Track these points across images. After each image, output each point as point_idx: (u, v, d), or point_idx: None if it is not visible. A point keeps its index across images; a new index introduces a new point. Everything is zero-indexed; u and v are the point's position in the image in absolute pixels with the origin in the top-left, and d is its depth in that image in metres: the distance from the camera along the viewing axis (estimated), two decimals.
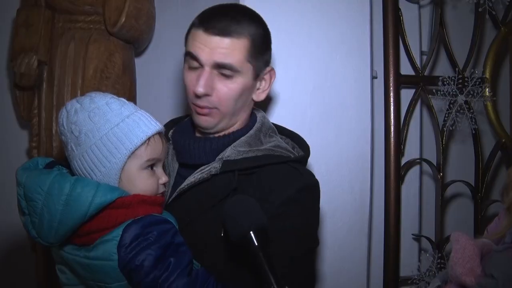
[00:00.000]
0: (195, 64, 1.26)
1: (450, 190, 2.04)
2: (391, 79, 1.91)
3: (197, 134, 1.35)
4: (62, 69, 1.81)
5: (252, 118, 1.36)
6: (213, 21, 1.25)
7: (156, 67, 2.08)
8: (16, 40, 1.82)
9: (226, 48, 1.23)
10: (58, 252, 1.15)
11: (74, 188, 1.07)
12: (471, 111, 1.94)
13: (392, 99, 1.92)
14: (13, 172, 1.99)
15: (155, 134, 1.15)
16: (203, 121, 1.29)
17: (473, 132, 1.96)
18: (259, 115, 1.37)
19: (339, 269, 1.78)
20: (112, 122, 1.12)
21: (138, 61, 2.06)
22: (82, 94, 1.80)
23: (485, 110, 2.00)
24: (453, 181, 1.98)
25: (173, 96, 2.03)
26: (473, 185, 2.00)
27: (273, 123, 1.40)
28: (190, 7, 2.06)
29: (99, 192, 1.07)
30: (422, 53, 2.06)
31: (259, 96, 1.34)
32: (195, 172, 1.26)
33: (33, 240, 1.84)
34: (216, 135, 1.30)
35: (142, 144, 1.12)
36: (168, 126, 1.39)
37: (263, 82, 1.34)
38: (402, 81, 1.94)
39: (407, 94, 2.00)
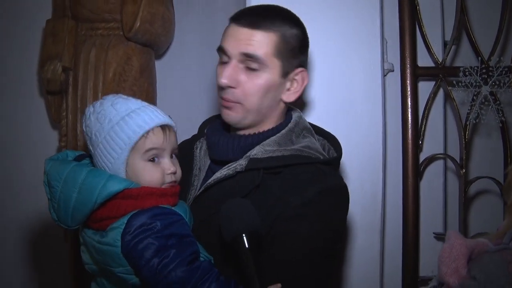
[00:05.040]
0: (225, 58, 1.29)
1: (477, 187, 1.93)
2: (408, 71, 1.84)
3: (230, 132, 1.36)
4: (85, 74, 1.94)
5: (286, 118, 1.35)
6: (245, 14, 1.31)
7: (178, 68, 2.16)
8: (44, 48, 1.99)
9: (253, 39, 1.26)
10: (81, 234, 1.26)
11: (86, 177, 1.17)
12: (497, 102, 1.81)
13: (409, 92, 1.85)
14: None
15: (155, 127, 1.19)
16: (226, 114, 1.30)
17: (500, 124, 1.84)
18: (295, 115, 1.36)
19: (350, 268, 1.75)
20: (113, 121, 1.19)
21: (160, 64, 2.15)
22: (103, 97, 1.94)
23: None
24: (478, 178, 1.87)
25: (196, 96, 2.10)
26: (502, 182, 1.87)
27: (310, 123, 1.39)
28: (210, 8, 2.13)
29: (108, 183, 1.16)
30: (445, 43, 1.95)
31: (289, 97, 1.33)
32: (222, 168, 1.29)
33: (64, 230, 2.03)
34: (246, 133, 1.31)
35: (141, 138, 1.18)
36: (207, 122, 1.45)
37: (294, 83, 1.32)
38: (419, 73, 1.86)
39: (428, 87, 1.91)
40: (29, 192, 2.19)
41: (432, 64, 1.89)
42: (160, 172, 1.21)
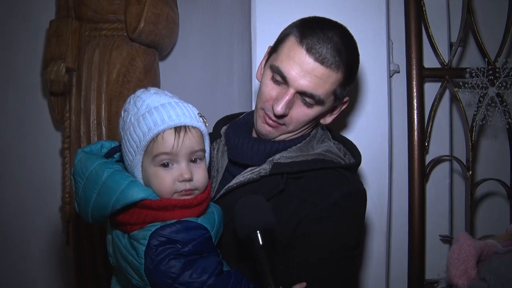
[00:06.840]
0: (280, 79, 1.24)
1: (483, 189, 1.91)
2: (414, 72, 1.83)
3: (253, 135, 1.35)
4: (89, 74, 1.93)
5: None
6: (318, 45, 1.21)
7: (182, 69, 2.15)
8: (47, 49, 1.98)
9: (320, 78, 1.21)
10: (110, 228, 1.20)
11: (107, 180, 1.10)
12: (504, 104, 1.80)
13: (415, 94, 1.83)
14: (47, 172, 2.19)
15: (167, 129, 1.09)
16: (265, 130, 1.29)
17: (507, 126, 1.82)
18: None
19: (356, 270, 1.74)
20: (132, 120, 1.12)
21: (164, 65, 2.14)
22: (107, 98, 1.93)
23: None
24: (485, 180, 1.85)
25: (200, 97, 2.09)
26: (509, 184, 1.85)
27: (327, 128, 1.40)
28: (214, 9, 2.12)
29: (127, 190, 1.09)
30: (451, 44, 1.94)
31: (326, 120, 1.34)
32: (245, 171, 1.28)
33: (67, 234, 2.02)
34: (272, 139, 1.31)
35: (150, 141, 1.10)
36: (221, 122, 1.42)
37: (335, 109, 1.34)
38: (425, 75, 1.85)
39: (434, 89, 1.90)
40: (32, 193, 2.18)
41: (438, 65, 1.88)
42: (170, 180, 1.11)
